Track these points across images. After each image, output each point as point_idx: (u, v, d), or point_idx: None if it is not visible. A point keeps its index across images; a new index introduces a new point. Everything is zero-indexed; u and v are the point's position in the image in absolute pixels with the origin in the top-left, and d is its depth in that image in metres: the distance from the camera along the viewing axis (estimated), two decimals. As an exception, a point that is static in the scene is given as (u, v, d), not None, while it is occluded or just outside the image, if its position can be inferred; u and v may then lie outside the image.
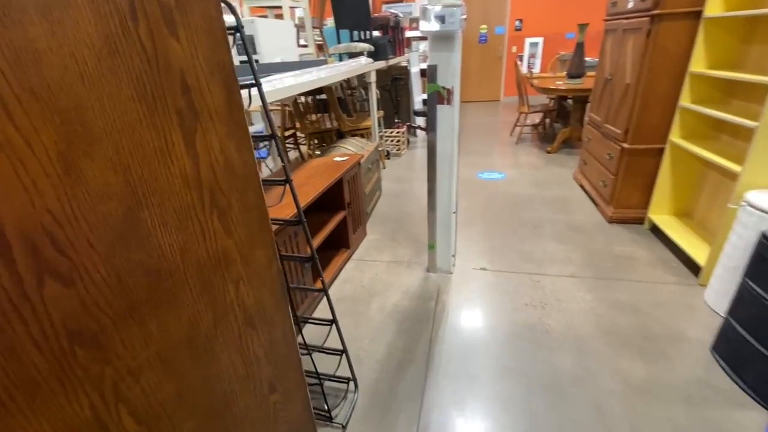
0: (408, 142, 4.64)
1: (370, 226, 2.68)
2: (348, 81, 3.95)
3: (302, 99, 3.61)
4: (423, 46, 6.58)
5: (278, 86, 1.41)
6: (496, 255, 2.24)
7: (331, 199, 2.17)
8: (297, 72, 1.76)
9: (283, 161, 1.08)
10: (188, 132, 0.56)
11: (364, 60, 2.93)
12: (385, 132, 4.36)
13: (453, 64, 1.59)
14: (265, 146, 3.72)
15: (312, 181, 1.92)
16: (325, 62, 2.39)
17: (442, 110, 1.71)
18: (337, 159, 2.25)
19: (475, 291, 1.95)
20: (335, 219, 2.08)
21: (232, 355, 0.70)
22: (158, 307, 0.55)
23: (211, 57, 0.58)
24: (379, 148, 3.97)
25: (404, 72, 4.84)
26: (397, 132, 4.28)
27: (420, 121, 5.05)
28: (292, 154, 4.42)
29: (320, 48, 4.19)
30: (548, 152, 4.04)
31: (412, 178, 3.55)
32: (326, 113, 4.05)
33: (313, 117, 3.73)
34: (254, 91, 1.09)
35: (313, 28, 3.84)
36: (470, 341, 1.63)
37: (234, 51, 1.80)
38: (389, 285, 2.04)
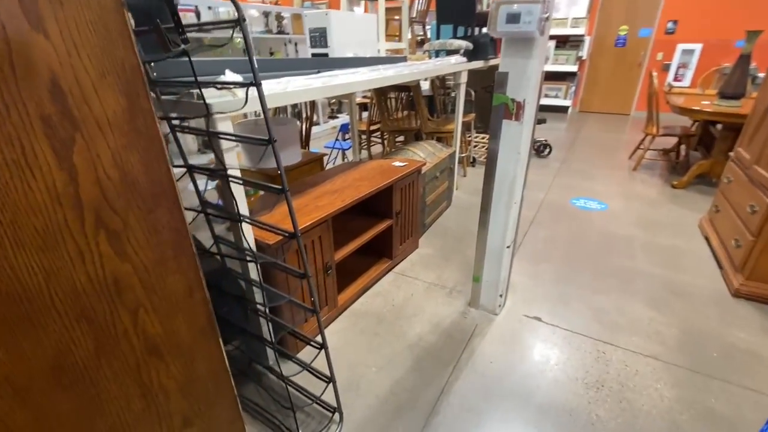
0: (501, 151, 4.24)
1: (425, 239, 2.48)
2: (442, 80, 3.72)
3: (392, 94, 3.52)
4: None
5: (292, 88, 1.31)
6: (561, 305, 1.86)
7: (379, 205, 2.04)
8: (351, 70, 1.65)
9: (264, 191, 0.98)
10: (61, 143, 0.48)
11: (453, 59, 2.69)
12: (476, 137, 4.04)
13: (529, 72, 1.30)
14: (348, 138, 3.74)
15: (358, 183, 1.81)
16: (404, 59, 2.24)
17: (507, 127, 1.43)
18: (396, 164, 2.10)
19: (517, 344, 1.64)
20: (379, 227, 1.95)
21: (125, 387, 0.63)
22: (9, 332, 0.50)
23: (101, 57, 0.49)
24: (462, 154, 3.70)
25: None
26: (487, 139, 3.91)
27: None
28: (377, 149, 4.40)
29: (421, 44, 4.02)
30: (674, 186, 3.27)
31: (492, 193, 3.21)
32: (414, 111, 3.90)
33: (399, 114, 3.62)
34: (292, 85, 0.99)
35: (416, 22, 3.69)
36: (488, 405, 1.36)
37: (307, 44, 1.76)
38: (421, 311, 1.84)
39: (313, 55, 1.89)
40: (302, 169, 2.36)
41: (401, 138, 4.27)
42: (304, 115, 3.06)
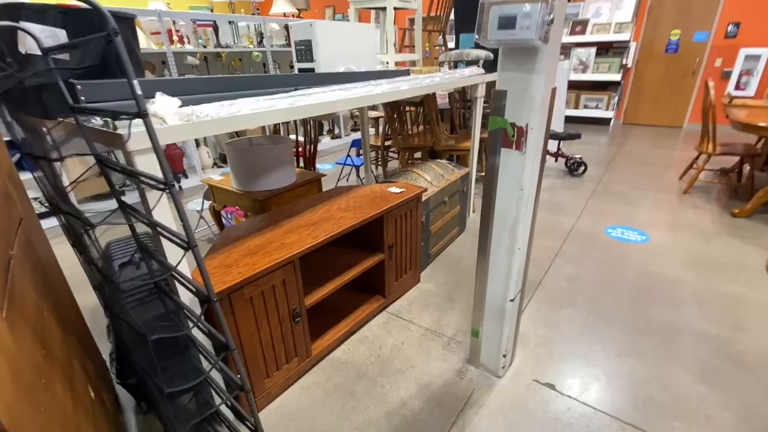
0: (529, 168, 3.86)
1: (429, 272, 2.20)
2: (462, 92, 3.44)
3: (408, 108, 3.29)
4: (582, 53, 5.51)
5: (247, 111, 1.10)
6: (582, 369, 1.52)
7: (370, 237, 1.80)
8: (334, 87, 1.44)
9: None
10: None
11: (468, 71, 2.41)
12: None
13: (533, 91, 1.02)
14: (361, 154, 3.54)
15: (341, 215, 1.58)
16: (407, 73, 2.00)
17: (507, 157, 1.14)
18: (393, 190, 1.86)
19: (521, 421, 1.32)
20: (366, 263, 1.71)
21: None
22: None
23: None
24: (481, 173, 3.38)
25: (543, 84, 4.03)
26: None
27: (551, 145, 4.16)
28: (395, 164, 4.16)
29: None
30: (734, 215, 2.77)
31: (514, 217, 2.87)
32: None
33: (416, 129, 3.37)
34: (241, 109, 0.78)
35: (431, 31, 3.45)
36: None
37: (294, 58, 1.57)
38: (410, 365, 1.57)
39: (300, 70, 1.70)
40: (296, 191, 2.17)
41: (419, 154, 4.02)
42: (308, 132, 2.90)
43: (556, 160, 4.02)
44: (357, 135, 5.52)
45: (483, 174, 3.43)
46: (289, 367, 1.46)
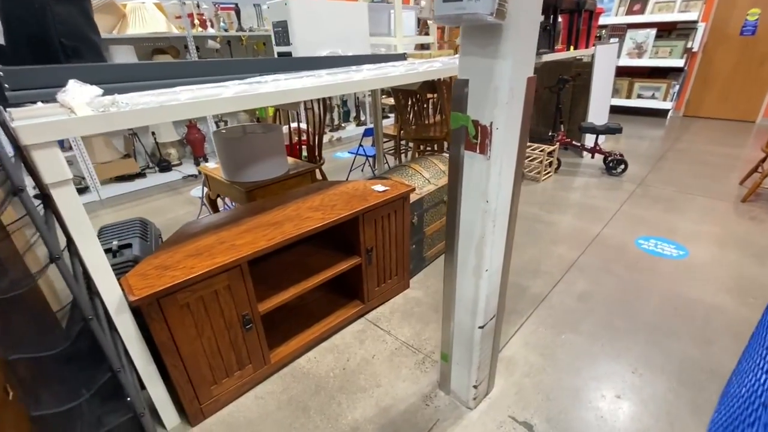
0: (559, 164, 3.50)
1: (421, 278, 2.02)
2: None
3: (425, 96, 3.06)
4: (639, 35, 4.91)
5: (186, 99, 0.96)
6: (571, 410, 1.30)
7: (346, 239, 1.66)
8: (304, 74, 1.29)
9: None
10: None
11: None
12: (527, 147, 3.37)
13: (497, 80, 0.81)
14: (372, 144, 3.37)
15: (310, 214, 1.45)
16: (403, 57, 1.80)
17: (471, 162, 0.94)
18: (377, 188, 1.69)
19: (484, 465, 1.14)
20: (339, 266, 1.57)
21: None
22: None
23: None
24: None
25: (585, 70, 3.62)
26: (540, 150, 3.23)
27: (589, 140, 3.74)
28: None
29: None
30: (804, 232, 2.31)
31: (534, 218, 2.58)
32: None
33: (432, 119, 3.14)
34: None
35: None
36: None
37: (273, 41, 1.45)
38: (375, 385, 1.43)
39: (279, 54, 1.57)
40: (286, 183, 2.07)
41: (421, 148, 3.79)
42: (314, 119, 2.78)
43: (592, 157, 3.61)
44: (384, 121, 5.33)
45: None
46: (242, 374, 1.37)
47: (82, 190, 3.21)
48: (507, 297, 1.82)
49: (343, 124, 5.33)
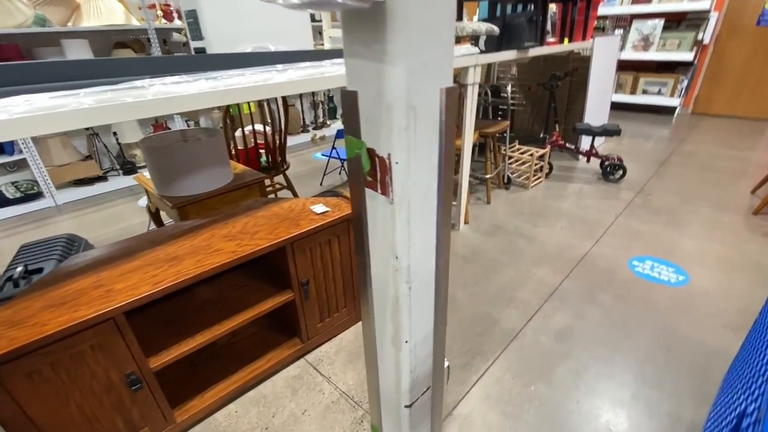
0: (551, 168, 3.21)
1: (381, 306, 1.78)
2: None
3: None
4: (646, 26, 4.58)
5: (18, 114, 0.74)
6: (530, 492, 1.05)
7: (277, 270, 1.41)
8: (213, 74, 1.03)
9: None
10: None
11: (455, 51, 1.87)
12: (514, 150, 3.08)
13: (390, 94, 0.55)
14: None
15: (224, 246, 1.20)
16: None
17: (373, 203, 0.68)
18: (316, 208, 1.44)
19: None
20: (267, 303, 1.32)
21: None
22: None
23: None
24: (486, 175, 2.85)
25: (584, 65, 3.31)
26: (529, 154, 2.94)
27: (585, 142, 3.44)
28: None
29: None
30: (824, 253, 2.02)
31: (516, 231, 2.31)
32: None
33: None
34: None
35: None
36: None
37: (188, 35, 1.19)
38: (299, 451, 1.19)
39: (196, 50, 1.31)
40: (228, 196, 1.82)
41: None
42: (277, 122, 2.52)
43: (588, 161, 3.31)
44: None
45: (489, 176, 2.88)
46: (135, 440, 1.14)
47: (34, 196, 2.99)
48: (474, 333, 1.56)
49: (328, 122, 5.05)
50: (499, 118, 3.18)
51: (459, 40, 2.15)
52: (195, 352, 1.45)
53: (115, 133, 3.42)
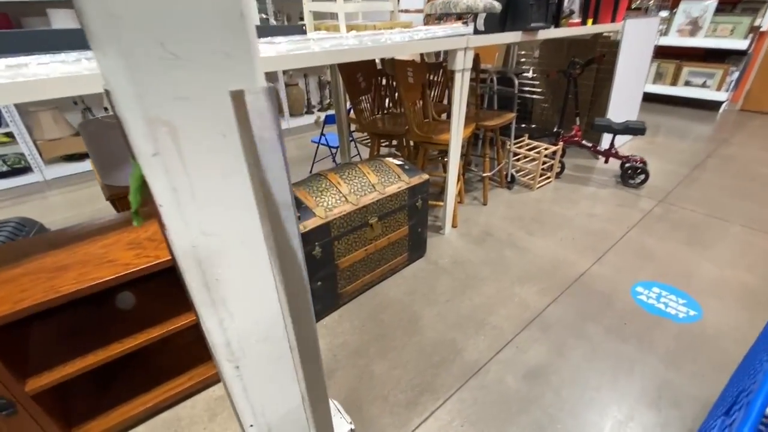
0: (562, 168, 2.88)
1: (335, 319, 1.59)
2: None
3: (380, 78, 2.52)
4: (695, 7, 4.05)
5: None
6: None
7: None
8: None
9: None
10: None
11: (441, 31, 1.59)
12: (520, 144, 2.77)
13: (120, 104, 0.34)
14: (325, 133, 2.87)
15: (121, 255, 1.04)
16: (301, 30, 1.30)
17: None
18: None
19: None
20: (180, 321, 1.16)
21: None
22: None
23: None
24: (484, 173, 2.60)
25: (613, 50, 2.91)
26: (536, 151, 2.62)
27: (605, 140, 3.07)
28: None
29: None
30: None
31: (509, 240, 2.05)
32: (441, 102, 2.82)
33: (399, 109, 2.60)
34: None
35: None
36: None
37: None
38: (196, 494, 1.04)
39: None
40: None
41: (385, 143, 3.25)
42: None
43: (606, 161, 2.95)
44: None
45: (486, 174, 2.63)
46: (16, 465, 1.02)
47: (22, 170, 2.96)
48: (429, 363, 1.36)
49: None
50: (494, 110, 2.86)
51: (460, 17, 1.87)
52: (112, 363, 1.32)
53: (106, 108, 3.33)
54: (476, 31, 1.87)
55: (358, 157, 3.21)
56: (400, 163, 1.79)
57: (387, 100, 2.72)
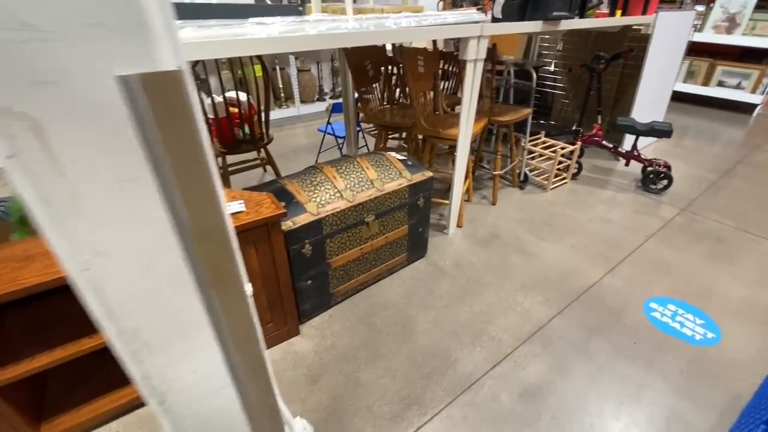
0: (579, 168, 2.72)
1: (325, 320, 1.52)
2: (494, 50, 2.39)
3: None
4: (733, 2, 3.79)
5: None
6: None
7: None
8: None
9: None
10: None
11: (452, 17, 1.47)
12: (536, 142, 2.62)
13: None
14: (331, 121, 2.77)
15: (20, 265, 0.98)
16: (297, 11, 1.20)
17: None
18: (230, 206, 1.17)
19: None
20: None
21: None
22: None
23: None
24: (495, 171, 2.49)
25: (642, 45, 2.72)
26: (552, 150, 2.48)
27: (627, 141, 2.90)
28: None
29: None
30: None
31: (516, 243, 1.95)
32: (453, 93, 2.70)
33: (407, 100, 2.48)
34: None
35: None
36: None
37: None
38: (162, 500, 0.99)
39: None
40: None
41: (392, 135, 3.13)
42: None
43: (627, 164, 2.78)
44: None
45: (497, 173, 2.51)
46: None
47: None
48: (420, 374, 1.28)
49: (348, 91, 4.70)
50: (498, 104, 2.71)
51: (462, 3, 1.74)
52: (86, 357, 1.28)
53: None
54: (493, 19, 1.74)
55: (365, 149, 3.12)
56: (402, 158, 1.69)
57: (398, 91, 2.60)
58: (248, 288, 0.47)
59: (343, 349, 1.40)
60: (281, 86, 4.16)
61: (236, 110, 2.17)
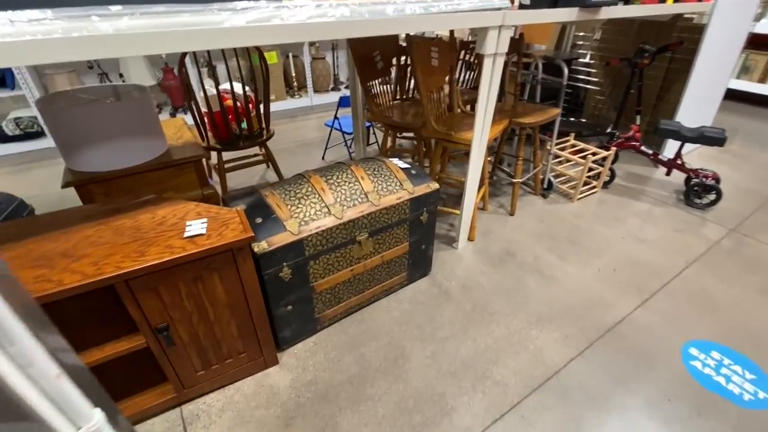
0: (612, 176, 2.43)
1: (309, 347, 1.35)
2: (520, 40, 2.11)
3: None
4: (804, -13, 3.31)
5: None
6: None
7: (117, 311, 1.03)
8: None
9: None
10: None
11: (468, 2, 1.23)
12: (563, 145, 2.34)
13: None
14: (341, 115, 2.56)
15: (25, 273, 0.84)
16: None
17: None
18: (192, 227, 1.00)
19: None
20: (105, 350, 0.96)
21: None
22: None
23: None
24: (516, 179, 2.25)
25: (695, 36, 2.38)
26: (582, 155, 2.20)
27: (670, 147, 2.57)
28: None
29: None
30: None
31: (533, 263, 1.72)
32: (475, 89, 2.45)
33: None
34: None
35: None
36: None
37: None
38: None
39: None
40: (154, 175, 1.47)
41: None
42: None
43: (668, 173, 2.46)
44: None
45: (517, 181, 2.28)
46: None
47: (35, 135, 2.91)
48: (408, 425, 1.10)
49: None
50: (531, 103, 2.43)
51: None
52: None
53: (121, 75, 3.20)
54: (520, 6, 1.49)
55: (375, 146, 2.91)
56: (405, 166, 1.48)
57: (411, 85, 2.37)
58: None
59: (325, 386, 1.24)
60: (294, 75, 3.98)
61: (231, 104, 2.00)
